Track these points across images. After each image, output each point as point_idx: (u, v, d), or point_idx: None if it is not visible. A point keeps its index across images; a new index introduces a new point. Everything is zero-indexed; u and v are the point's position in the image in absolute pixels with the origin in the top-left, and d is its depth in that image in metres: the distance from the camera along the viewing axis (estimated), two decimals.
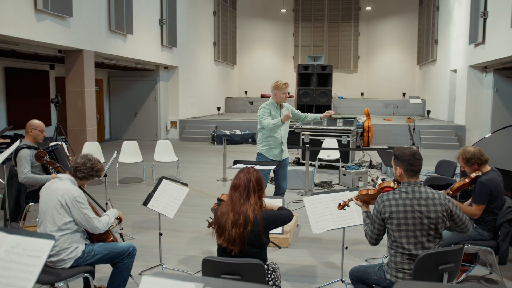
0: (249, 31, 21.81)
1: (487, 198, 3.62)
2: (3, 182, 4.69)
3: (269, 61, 22.20)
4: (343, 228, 3.52)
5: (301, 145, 9.57)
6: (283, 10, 21.27)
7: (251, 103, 20.18)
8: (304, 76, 13.61)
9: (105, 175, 4.79)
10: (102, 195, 5.30)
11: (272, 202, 3.42)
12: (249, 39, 21.94)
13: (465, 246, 3.69)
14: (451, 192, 3.78)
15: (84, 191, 3.46)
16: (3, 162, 4.28)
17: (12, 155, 4.45)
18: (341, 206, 3.15)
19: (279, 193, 5.07)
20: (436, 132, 13.27)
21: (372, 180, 7.57)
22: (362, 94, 21.26)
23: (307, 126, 9.60)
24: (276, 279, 2.71)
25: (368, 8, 20.67)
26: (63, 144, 5.23)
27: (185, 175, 8.47)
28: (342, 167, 8.11)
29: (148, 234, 5.14)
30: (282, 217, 2.76)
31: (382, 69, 21.17)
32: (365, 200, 3.03)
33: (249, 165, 4.30)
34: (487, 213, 3.66)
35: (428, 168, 7.60)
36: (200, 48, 16.68)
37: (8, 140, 8.32)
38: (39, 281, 2.99)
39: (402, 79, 20.62)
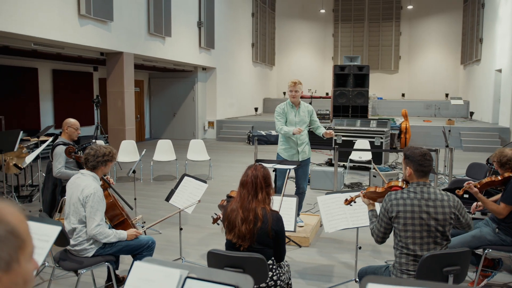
0: (288, 32, 21.84)
1: None
2: (43, 175, 5.04)
3: (308, 62, 22.13)
4: (357, 228, 3.53)
5: (333, 146, 9.51)
6: (322, 11, 21.15)
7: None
8: (341, 76, 13.49)
9: (134, 172, 5.03)
10: (132, 191, 5.57)
11: (285, 201, 3.50)
12: (288, 40, 21.98)
13: (486, 251, 3.60)
14: (478, 186, 3.69)
15: (112, 187, 3.67)
16: (36, 158, 4.60)
17: (50, 152, 4.78)
18: (348, 202, 3.18)
19: (299, 192, 5.11)
20: (478, 134, 12.75)
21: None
22: (403, 95, 20.75)
23: (340, 127, 9.54)
24: (281, 275, 2.78)
25: (410, 7, 20.13)
26: (97, 142, 5.51)
27: (217, 174, 8.67)
28: (373, 168, 8.01)
29: (174, 229, 5.32)
30: (283, 244, 2.81)
31: (424, 69, 20.56)
32: (373, 197, 3.04)
33: (270, 165, 4.39)
34: (511, 217, 3.55)
35: (462, 172, 7.36)
36: (238, 50, 16.91)
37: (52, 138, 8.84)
38: (64, 267, 3.22)
39: (445, 80, 19.93)
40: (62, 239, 3.13)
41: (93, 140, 5.41)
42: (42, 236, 1.87)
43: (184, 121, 15.14)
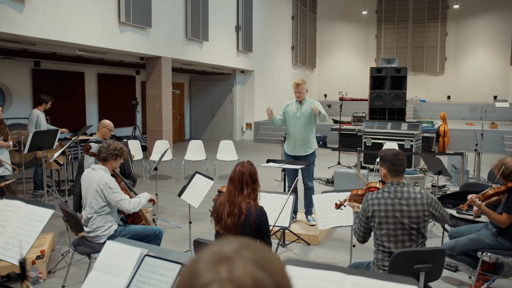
0: (330, 34, 21.79)
1: None
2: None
3: (350, 64, 21.96)
4: (351, 226, 3.65)
5: (363, 148, 9.52)
6: (364, 12, 20.91)
7: (329, 106, 20.11)
8: (378, 79, 13.34)
9: (156, 169, 5.40)
10: (160, 187, 5.95)
11: (282, 199, 3.69)
12: (330, 42, 21.92)
13: (484, 254, 3.60)
14: (482, 198, 3.68)
15: (124, 181, 4.03)
16: (63, 153, 5.07)
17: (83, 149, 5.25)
18: (338, 206, 3.31)
19: (305, 188, 5.26)
20: None
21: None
22: (448, 97, 20.06)
23: (370, 130, 9.51)
24: None
25: (456, 6, 19.46)
26: (127, 142, 5.92)
27: None
28: (351, 167, 7.94)
29: (194, 224, 5.64)
30: (266, 237, 3.01)
31: (472, 70, 19.77)
32: (357, 200, 3.17)
33: (278, 165, 4.59)
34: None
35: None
36: (277, 53, 17.14)
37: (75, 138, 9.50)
38: (79, 251, 3.61)
39: (494, 82, 19.06)
40: (76, 226, 3.52)
41: (125, 140, 5.85)
42: (38, 218, 2.21)
43: (223, 122, 15.56)
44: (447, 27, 20.35)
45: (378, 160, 2.98)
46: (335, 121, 14.60)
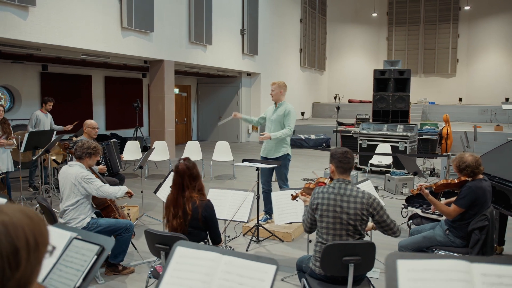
0: (340, 37, 21.85)
1: (469, 204, 3.59)
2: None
3: (360, 66, 21.96)
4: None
5: (358, 150, 9.62)
6: (375, 14, 20.90)
7: (338, 108, 20.17)
8: (381, 81, 13.38)
9: (141, 167, 5.68)
10: (149, 186, 6.23)
11: (243, 195, 3.90)
12: (340, 45, 21.98)
13: (435, 251, 3.73)
14: (434, 187, 3.81)
15: (100, 177, 4.31)
16: (47, 151, 5.39)
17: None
18: (294, 197, 3.50)
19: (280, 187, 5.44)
20: None
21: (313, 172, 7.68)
22: (460, 99, 19.85)
23: (366, 132, 9.61)
24: None
25: (467, 7, 19.27)
26: (116, 141, 6.22)
27: (240, 174, 9.15)
28: (387, 172, 8.04)
29: None
30: (217, 230, 3.21)
31: (484, 72, 19.53)
32: (308, 193, 3.34)
33: (251, 164, 4.80)
34: (462, 220, 3.64)
35: None
36: (284, 55, 17.32)
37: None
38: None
39: (507, 83, 18.77)
40: (51, 218, 3.81)
41: (114, 140, 6.14)
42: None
43: (229, 124, 15.76)
44: (459, 28, 20.17)
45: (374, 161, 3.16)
46: (339, 123, 14.68)
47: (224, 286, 1.54)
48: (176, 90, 14.83)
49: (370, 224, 3.20)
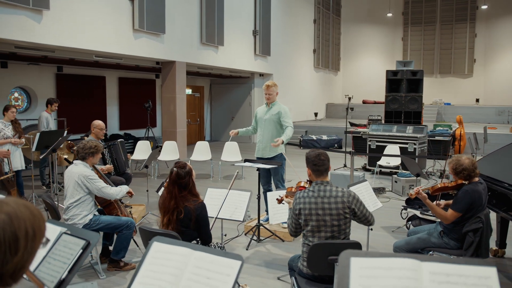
0: (355, 37, 21.74)
1: (466, 208, 3.58)
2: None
3: (375, 66, 21.79)
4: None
5: (367, 151, 9.60)
6: (389, 14, 20.73)
7: (352, 109, 20.09)
8: (393, 82, 13.30)
9: (146, 167, 5.81)
10: (157, 185, 6.36)
11: (240, 195, 3.98)
12: (355, 45, 21.87)
13: (430, 253, 3.74)
14: (430, 190, 3.81)
15: (104, 176, 4.44)
16: (53, 150, 5.57)
17: None
18: (279, 201, 3.55)
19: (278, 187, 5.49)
20: None
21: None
22: (477, 100, 19.53)
23: (375, 133, 9.58)
24: None
25: (484, 6, 18.94)
26: (123, 141, 6.36)
27: (248, 174, 9.23)
28: (394, 174, 8.00)
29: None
30: (207, 230, 3.29)
31: (502, 73, 19.16)
32: (291, 196, 3.39)
33: (250, 164, 4.88)
34: (456, 222, 3.63)
35: None
36: (297, 56, 17.34)
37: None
38: None
39: None
40: (54, 214, 3.95)
41: (121, 140, 6.28)
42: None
43: (241, 124, 15.89)
44: (476, 28, 19.85)
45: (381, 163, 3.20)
46: (351, 124, 14.63)
47: (193, 280, 1.62)
48: (189, 91, 15.01)
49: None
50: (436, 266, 1.32)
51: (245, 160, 5.22)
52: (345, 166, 10.28)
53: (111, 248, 4.43)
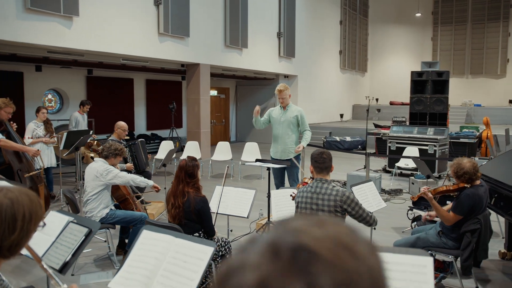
0: (383, 38, 21.54)
1: (467, 211, 3.63)
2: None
3: (403, 67, 21.47)
4: None
5: (387, 153, 9.59)
6: (418, 14, 20.41)
7: (379, 110, 19.93)
8: (418, 83, 13.16)
9: (164, 165, 6.09)
10: (168, 182, 6.64)
11: (245, 193, 4.18)
12: (382, 46, 21.66)
13: (428, 252, 3.81)
14: (433, 193, 3.88)
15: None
16: (76, 148, 5.93)
17: None
18: (293, 198, 3.72)
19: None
20: None
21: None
22: (510, 101, 18.95)
23: (395, 134, 9.56)
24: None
25: None
26: (143, 141, 6.67)
27: (266, 174, 9.39)
28: (412, 175, 7.98)
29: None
30: (210, 224, 3.50)
31: None
32: None
33: (263, 164, 5.07)
34: (455, 225, 3.69)
35: None
36: (322, 57, 17.38)
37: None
38: None
39: None
40: (74, 207, 4.27)
41: (142, 140, 6.61)
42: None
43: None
44: (509, 27, 19.26)
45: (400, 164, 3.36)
46: (376, 126, 14.55)
47: (172, 263, 1.83)
48: (215, 92, 15.34)
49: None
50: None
51: (257, 160, 5.40)
52: (365, 167, 10.29)
53: (127, 241, 4.72)
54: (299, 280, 0.44)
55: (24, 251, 1.63)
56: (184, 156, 9.31)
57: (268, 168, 5.20)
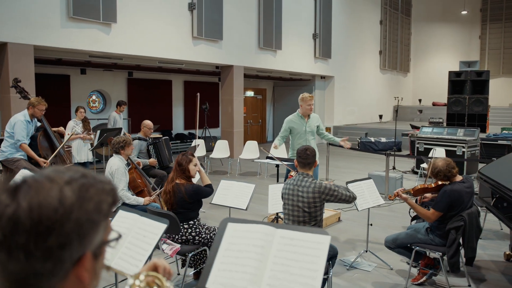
0: (426, 37, 20.98)
1: (446, 207, 3.72)
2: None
3: (449, 67, 20.81)
4: None
5: (415, 153, 9.51)
6: (464, 12, 19.71)
7: (420, 111, 19.47)
8: (457, 83, 12.85)
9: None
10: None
11: (245, 187, 4.48)
12: (426, 45, 21.10)
13: (416, 248, 3.93)
14: (411, 192, 4.01)
15: (137, 168, 5.20)
16: (101, 144, 6.47)
17: None
18: None
19: None
20: None
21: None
22: None
23: (424, 135, 9.46)
24: (201, 233, 3.78)
25: None
26: (167, 139, 7.12)
27: None
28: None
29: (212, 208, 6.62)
30: (203, 190, 3.83)
31: None
32: None
33: (277, 162, 5.35)
34: (441, 220, 3.79)
35: None
36: (361, 58, 17.27)
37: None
38: None
39: None
40: None
41: (165, 138, 7.07)
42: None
43: None
44: None
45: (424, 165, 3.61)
46: (412, 127, 14.30)
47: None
48: (251, 93, 15.72)
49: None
50: (286, 233, 1.68)
51: (267, 157, 5.68)
52: (394, 168, 10.24)
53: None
54: (11, 199, 0.69)
55: None
56: (214, 154, 9.79)
57: (277, 166, 5.46)
